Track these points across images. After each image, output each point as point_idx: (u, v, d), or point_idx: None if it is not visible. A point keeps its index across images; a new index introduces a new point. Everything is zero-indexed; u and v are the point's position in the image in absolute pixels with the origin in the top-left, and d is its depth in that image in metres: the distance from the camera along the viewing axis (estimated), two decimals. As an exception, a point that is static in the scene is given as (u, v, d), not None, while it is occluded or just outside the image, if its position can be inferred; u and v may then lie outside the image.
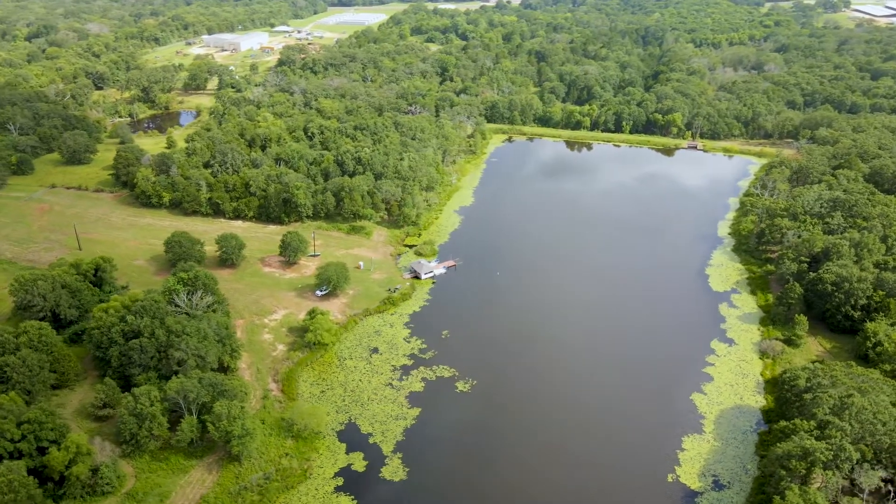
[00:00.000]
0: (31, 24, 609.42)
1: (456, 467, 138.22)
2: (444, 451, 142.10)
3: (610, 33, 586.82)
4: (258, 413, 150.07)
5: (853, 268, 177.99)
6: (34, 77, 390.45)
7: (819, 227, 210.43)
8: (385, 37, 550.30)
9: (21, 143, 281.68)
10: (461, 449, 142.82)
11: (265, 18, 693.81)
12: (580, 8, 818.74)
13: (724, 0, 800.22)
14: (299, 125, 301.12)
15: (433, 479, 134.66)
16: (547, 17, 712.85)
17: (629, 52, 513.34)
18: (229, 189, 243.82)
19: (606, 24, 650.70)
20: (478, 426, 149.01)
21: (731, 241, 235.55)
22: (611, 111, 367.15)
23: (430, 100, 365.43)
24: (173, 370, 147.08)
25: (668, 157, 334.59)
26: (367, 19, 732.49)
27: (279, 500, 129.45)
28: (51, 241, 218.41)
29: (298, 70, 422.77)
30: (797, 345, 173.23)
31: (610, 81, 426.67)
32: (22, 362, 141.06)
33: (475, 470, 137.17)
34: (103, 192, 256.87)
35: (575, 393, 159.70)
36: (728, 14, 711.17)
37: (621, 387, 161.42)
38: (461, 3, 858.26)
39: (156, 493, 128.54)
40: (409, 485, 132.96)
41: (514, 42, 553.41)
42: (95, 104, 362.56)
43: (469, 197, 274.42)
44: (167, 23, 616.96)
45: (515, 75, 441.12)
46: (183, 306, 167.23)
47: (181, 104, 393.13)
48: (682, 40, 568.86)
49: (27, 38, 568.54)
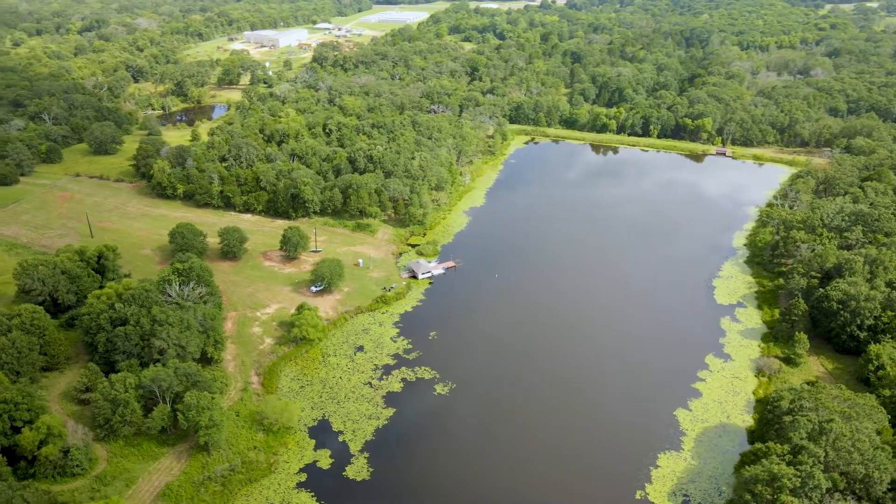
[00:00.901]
0: (86, 18, 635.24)
1: (421, 470, 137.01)
2: (412, 453, 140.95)
3: (652, 35, 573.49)
4: (234, 405, 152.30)
5: (863, 286, 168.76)
6: (77, 69, 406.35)
7: (836, 241, 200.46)
8: (421, 35, 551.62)
9: (52, 133, 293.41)
10: (429, 452, 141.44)
11: (308, 15, 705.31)
12: (626, 8, 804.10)
13: (779, 1, 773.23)
14: (319, 122, 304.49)
15: (396, 480, 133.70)
16: (589, 17, 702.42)
17: (669, 55, 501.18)
18: (241, 183, 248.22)
19: (651, 25, 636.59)
20: (450, 430, 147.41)
21: (745, 252, 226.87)
22: (639, 114, 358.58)
23: (456, 99, 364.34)
24: (154, 358, 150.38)
25: (694, 164, 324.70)
26: (409, 17, 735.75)
27: (241, 492, 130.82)
28: (67, 228, 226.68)
29: (329, 67, 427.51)
30: (796, 364, 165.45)
31: (643, 84, 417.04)
32: (11, 344, 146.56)
33: (439, 475, 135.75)
34: (123, 182, 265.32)
35: (554, 402, 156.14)
36: (782, 16, 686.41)
37: (602, 398, 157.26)
38: (505, 2, 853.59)
39: (123, 478, 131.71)
40: (371, 485, 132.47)
41: (551, 42, 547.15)
42: (131, 96, 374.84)
43: (481, 198, 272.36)
44: (213, 18, 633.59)
45: (547, 76, 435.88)
46: (174, 296, 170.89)
47: (213, 98, 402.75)
48: (727, 42, 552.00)
49: (80, 32, 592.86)
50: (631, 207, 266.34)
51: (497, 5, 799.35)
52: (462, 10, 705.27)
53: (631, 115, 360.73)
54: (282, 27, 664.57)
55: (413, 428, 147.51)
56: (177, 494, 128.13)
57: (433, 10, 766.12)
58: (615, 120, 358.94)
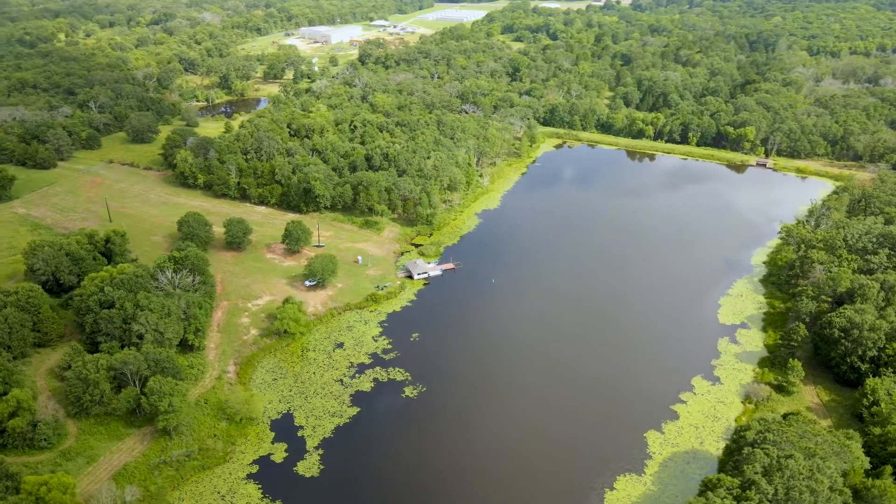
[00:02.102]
0: (156, 11, 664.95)
1: (371, 471, 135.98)
2: (366, 453, 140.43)
3: (713, 38, 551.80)
4: (205, 393, 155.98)
5: (870, 314, 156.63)
6: (133, 60, 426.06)
7: (855, 263, 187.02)
8: (470, 34, 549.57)
9: (95, 120, 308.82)
10: (384, 454, 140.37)
11: (366, 12, 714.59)
12: (693, 10, 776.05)
13: (863, 5, 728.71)
14: (347, 118, 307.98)
15: (344, 479, 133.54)
16: (650, 19, 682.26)
17: (727, 59, 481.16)
18: (258, 176, 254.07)
19: (715, 28, 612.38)
20: (410, 434, 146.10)
21: (762, 270, 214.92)
22: (678, 121, 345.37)
23: (490, 100, 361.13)
24: (133, 342, 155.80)
25: (730, 174, 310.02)
26: (466, 16, 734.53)
27: (193, 478, 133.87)
28: (90, 212, 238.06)
29: (371, 64, 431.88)
30: (789, 392, 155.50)
31: (691, 89, 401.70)
32: (4, 320, 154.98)
33: (388, 477, 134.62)
34: (151, 171, 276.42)
35: (522, 413, 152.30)
36: (863, 20, 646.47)
37: (573, 413, 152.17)
38: (567, 2, 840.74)
39: (87, 455, 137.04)
40: (318, 482, 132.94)
41: (603, 44, 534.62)
42: (178, 88, 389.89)
43: (496, 201, 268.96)
44: (273, 14, 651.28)
45: (592, 78, 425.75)
46: (164, 283, 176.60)
47: (257, 92, 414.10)
48: (795, 47, 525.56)
49: (148, 24, 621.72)
50: (651, 216, 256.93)
51: (557, 5, 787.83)
52: (519, 9, 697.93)
53: (670, 120, 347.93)
54: (338, 23, 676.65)
55: (373, 429, 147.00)
56: (131, 475, 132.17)
57: (492, 9, 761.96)
58: (652, 125, 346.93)
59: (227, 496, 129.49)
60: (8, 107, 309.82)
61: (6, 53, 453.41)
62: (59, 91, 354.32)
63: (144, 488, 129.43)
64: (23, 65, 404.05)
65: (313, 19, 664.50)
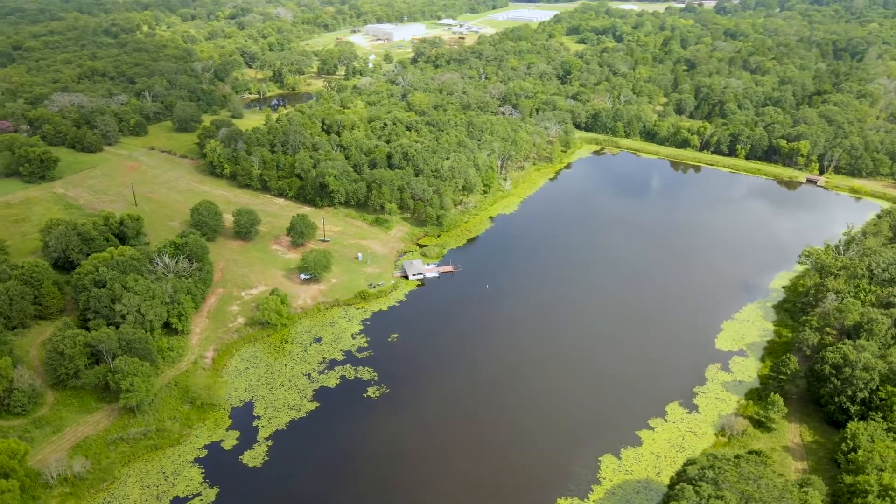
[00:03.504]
0: (235, 6, 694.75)
1: (313, 468, 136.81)
2: (312, 450, 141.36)
3: (793, 44, 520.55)
4: (179, 375, 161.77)
5: (870, 352, 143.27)
6: (198, 52, 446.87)
7: (873, 295, 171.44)
8: (531, 35, 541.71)
9: (146, 109, 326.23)
10: (330, 452, 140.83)
11: (435, 11, 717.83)
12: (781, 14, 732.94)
13: None
14: (381, 115, 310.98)
15: (284, 473, 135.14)
16: (730, 23, 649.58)
17: (804, 67, 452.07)
18: (279, 168, 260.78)
19: (803, 33, 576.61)
20: (360, 435, 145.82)
21: (779, 296, 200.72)
22: (728, 131, 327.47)
23: (532, 102, 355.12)
24: (116, 321, 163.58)
25: (775, 190, 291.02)
26: (536, 16, 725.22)
27: (144, 456, 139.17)
28: (120, 196, 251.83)
29: (422, 63, 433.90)
30: (768, 429, 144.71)
31: (752, 98, 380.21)
32: (6, 291, 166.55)
33: (328, 476, 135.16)
34: (186, 159, 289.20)
35: (479, 426, 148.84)
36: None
37: (531, 429, 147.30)
38: (645, 3, 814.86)
39: (55, 424, 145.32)
40: (260, 472, 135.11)
41: (670, 48, 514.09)
42: (234, 80, 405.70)
43: (514, 205, 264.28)
44: (343, 11, 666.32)
45: (648, 84, 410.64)
46: (160, 267, 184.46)
47: (308, 86, 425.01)
48: (886, 56, 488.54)
49: (227, 18, 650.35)
50: (675, 230, 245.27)
51: (634, 7, 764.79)
52: (590, 10, 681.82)
53: (719, 130, 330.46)
54: (405, 21, 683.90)
55: (326, 426, 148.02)
56: (87, 447, 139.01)
57: (563, 9, 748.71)
58: (698, 135, 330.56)
59: (171, 477, 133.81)
60: (72, 93, 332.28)
61: (89, 43, 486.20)
62: (122, 80, 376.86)
63: (97, 461, 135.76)
64: (98, 54, 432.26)
65: (382, 17, 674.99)
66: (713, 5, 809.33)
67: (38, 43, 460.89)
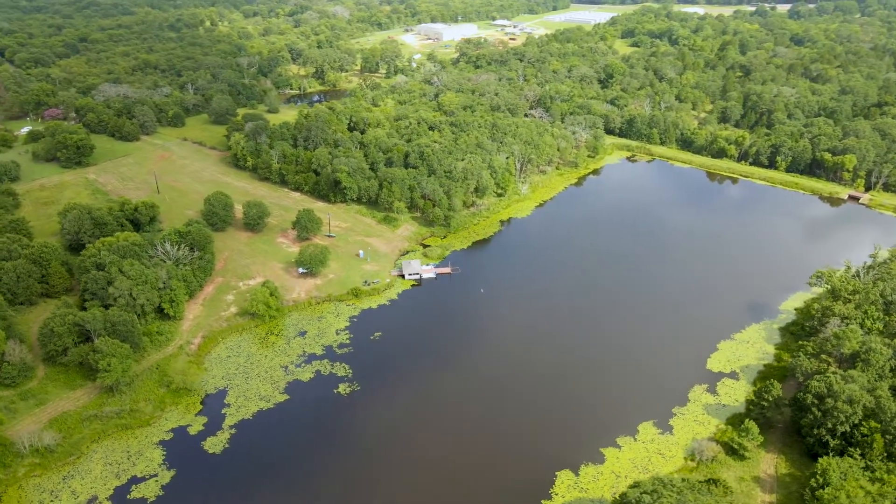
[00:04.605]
0: (296, 3, 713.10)
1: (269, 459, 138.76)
2: (272, 441, 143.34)
3: (862, 51, 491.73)
4: (163, 359, 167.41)
5: (858, 383, 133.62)
6: (248, 48, 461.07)
7: (880, 322, 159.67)
8: (581, 38, 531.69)
9: (186, 101, 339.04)
10: (288, 445, 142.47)
11: (489, 12, 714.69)
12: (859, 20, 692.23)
13: None
14: (407, 114, 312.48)
15: (241, 462, 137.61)
16: (799, 27, 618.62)
17: (871, 76, 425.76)
18: (298, 163, 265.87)
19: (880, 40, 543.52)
20: (321, 430, 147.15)
21: (788, 317, 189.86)
22: (768, 142, 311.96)
23: (568, 105, 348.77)
24: (108, 303, 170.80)
25: (812, 207, 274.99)
26: (593, 18, 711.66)
27: (114, 435, 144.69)
28: (146, 183, 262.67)
29: (463, 63, 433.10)
30: (742, 457, 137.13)
31: (804, 108, 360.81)
32: (13, 269, 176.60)
33: (282, 468, 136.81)
34: (215, 150, 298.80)
35: (439, 432, 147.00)
36: None
37: (493, 440, 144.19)
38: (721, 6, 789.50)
39: (39, 398, 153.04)
40: (218, 459, 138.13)
41: (727, 53, 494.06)
42: (278, 76, 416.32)
43: (528, 210, 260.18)
44: (397, 10, 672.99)
45: (695, 90, 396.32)
46: (160, 253, 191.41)
47: (349, 84, 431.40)
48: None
49: (286, 16, 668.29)
50: (690, 244, 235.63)
51: (698, 10, 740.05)
52: (650, 13, 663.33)
53: (760, 141, 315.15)
54: (459, 21, 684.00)
55: (291, 419, 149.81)
56: (62, 422, 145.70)
57: (624, 12, 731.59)
58: (736, 145, 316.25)
59: (133, 457, 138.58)
60: (120, 84, 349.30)
61: (151, 36, 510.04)
62: (171, 72, 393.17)
63: (69, 436, 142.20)
64: (154, 47, 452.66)
65: (436, 16, 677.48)
66: (787, 9, 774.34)
67: (103, 36, 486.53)
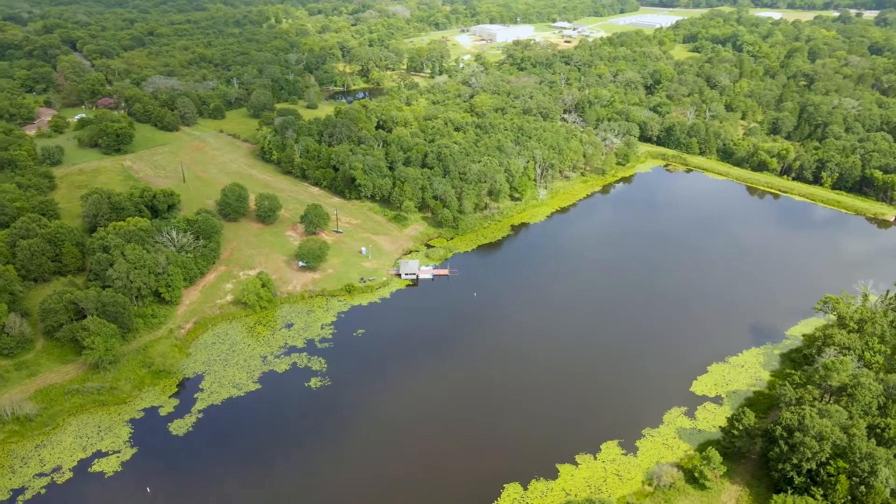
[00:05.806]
0: (360, 2, 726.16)
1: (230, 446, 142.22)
2: (237, 429, 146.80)
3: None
4: (152, 341, 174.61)
5: (833, 419, 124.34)
6: (301, 45, 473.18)
7: (881, 356, 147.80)
8: (639, 42, 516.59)
9: (230, 94, 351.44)
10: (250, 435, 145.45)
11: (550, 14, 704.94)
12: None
13: None
14: (436, 114, 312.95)
15: (200, 446, 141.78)
16: (882, 35, 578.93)
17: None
18: (319, 158, 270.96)
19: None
20: (285, 421, 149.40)
21: (793, 343, 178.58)
22: (814, 156, 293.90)
23: (606, 111, 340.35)
24: (107, 284, 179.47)
25: (853, 227, 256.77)
26: (658, 22, 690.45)
27: (90, 410, 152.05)
28: (176, 172, 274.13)
29: (508, 66, 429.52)
30: (701, 486, 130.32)
31: (865, 122, 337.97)
32: (28, 247, 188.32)
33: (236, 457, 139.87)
34: (247, 143, 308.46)
35: (399, 434, 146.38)
36: None
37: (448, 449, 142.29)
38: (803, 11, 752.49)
39: (32, 369, 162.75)
40: (180, 441, 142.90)
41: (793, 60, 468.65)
42: (324, 73, 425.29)
43: (543, 216, 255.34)
44: (457, 10, 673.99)
45: (747, 98, 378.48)
46: (165, 240, 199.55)
47: (393, 82, 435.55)
48: None
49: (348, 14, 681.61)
50: (706, 261, 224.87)
51: (774, 14, 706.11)
52: (718, 17, 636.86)
53: (805, 155, 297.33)
54: (518, 22, 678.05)
55: (258, 407, 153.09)
56: (47, 393, 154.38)
57: (691, 15, 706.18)
58: (778, 158, 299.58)
59: (103, 432, 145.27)
60: (171, 76, 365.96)
61: (215, 32, 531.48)
62: (222, 67, 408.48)
63: (49, 407, 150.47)
64: (213, 42, 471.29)
65: (496, 17, 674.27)
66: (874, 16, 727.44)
67: (169, 30, 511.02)
